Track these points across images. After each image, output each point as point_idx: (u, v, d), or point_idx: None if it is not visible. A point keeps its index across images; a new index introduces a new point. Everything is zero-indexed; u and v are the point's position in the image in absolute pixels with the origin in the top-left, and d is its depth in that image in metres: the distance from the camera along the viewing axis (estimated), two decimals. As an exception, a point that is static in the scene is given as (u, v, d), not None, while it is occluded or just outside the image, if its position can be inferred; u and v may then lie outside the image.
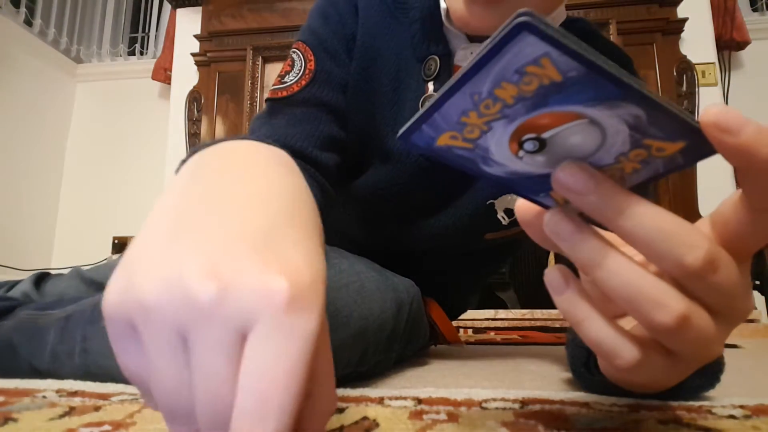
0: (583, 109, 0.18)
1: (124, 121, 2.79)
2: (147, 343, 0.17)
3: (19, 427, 0.30)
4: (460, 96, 0.18)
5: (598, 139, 0.19)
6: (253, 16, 2.27)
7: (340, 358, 0.42)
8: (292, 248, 0.19)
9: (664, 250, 0.20)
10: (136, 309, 0.17)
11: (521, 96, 0.18)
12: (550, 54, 0.16)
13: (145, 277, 0.18)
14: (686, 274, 0.20)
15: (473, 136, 0.20)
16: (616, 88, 0.17)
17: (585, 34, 0.59)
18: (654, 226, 0.20)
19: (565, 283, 0.23)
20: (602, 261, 0.21)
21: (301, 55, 0.57)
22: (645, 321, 0.21)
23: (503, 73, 0.17)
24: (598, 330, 0.22)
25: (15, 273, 2.21)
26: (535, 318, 1.62)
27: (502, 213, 0.58)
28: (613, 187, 0.21)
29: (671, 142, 0.19)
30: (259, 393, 0.16)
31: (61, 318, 0.49)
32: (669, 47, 2.03)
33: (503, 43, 0.16)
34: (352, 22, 0.59)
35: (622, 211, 0.20)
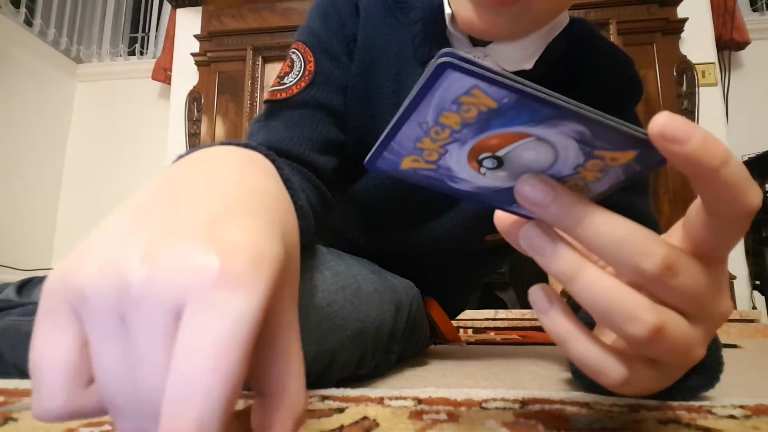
0: (527, 129, 0.19)
1: (124, 121, 2.79)
2: (88, 332, 0.17)
3: (19, 427, 0.30)
4: (409, 126, 0.19)
5: (551, 153, 0.20)
6: (253, 16, 2.27)
7: (338, 360, 0.42)
8: (238, 232, 0.18)
9: (622, 258, 0.20)
10: (74, 293, 0.17)
11: (465, 122, 0.19)
12: (478, 85, 0.17)
13: (86, 263, 0.17)
14: (646, 280, 0.21)
15: (432, 158, 0.21)
16: (549, 109, 0.18)
17: (584, 34, 0.59)
18: (611, 234, 0.20)
19: (548, 302, 0.23)
20: (575, 275, 0.21)
21: (300, 56, 0.56)
22: (620, 333, 0.21)
23: (441, 104, 0.18)
24: (584, 350, 0.22)
25: (15, 273, 2.21)
26: (535, 318, 1.62)
27: None
28: (571, 197, 0.21)
29: (622, 152, 0.20)
30: (184, 375, 0.15)
31: None
32: (669, 47, 2.03)
33: (432, 81, 0.17)
34: (352, 22, 0.58)
35: (580, 221, 0.21)
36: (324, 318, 0.40)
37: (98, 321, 0.17)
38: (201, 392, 0.15)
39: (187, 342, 0.15)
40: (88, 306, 0.17)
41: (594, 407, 0.34)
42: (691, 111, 1.97)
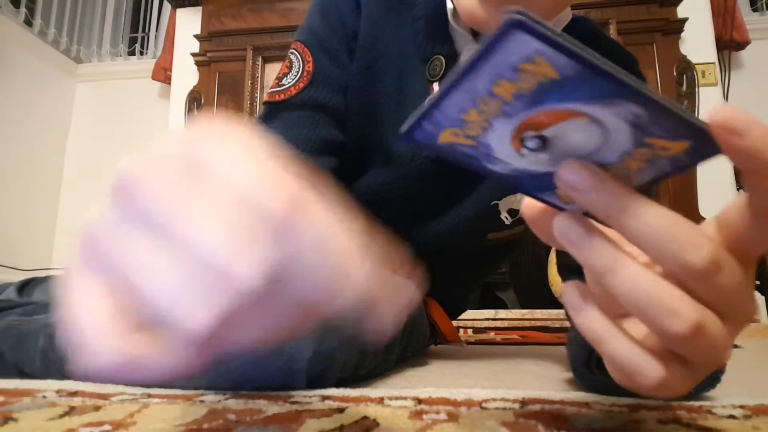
0: (582, 107, 0.18)
1: (124, 121, 2.79)
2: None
3: (19, 427, 0.30)
4: (458, 93, 0.18)
5: (600, 137, 0.19)
6: (253, 16, 2.27)
7: (338, 360, 0.42)
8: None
9: (668, 251, 0.20)
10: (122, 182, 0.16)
11: (519, 93, 0.18)
12: (543, 52, 0.16)
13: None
14: (691, 275, 0.20)
15: (474, 133, 0.20)
16: (612, 86, 0.17)
17: (587, 33, 0.59)
18: (658, 225, 0.20)
19: (583, 301, 0.23)
20: (614, 267, 0.20)
21: (299, 56, 0.56)
22: (658, 329, 0.20)
23: (499, 70, 0.17)
24: (621, 349, 0.22)
25: (15, 273, 2.21)
26: (535, 318, 1.62)
27: (506, 213, 0.58)
28: (617, 185, 0.20)
29: (675, 141, 0.19)
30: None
31: (49, 324, 0.48)
32: (669, 47, 2.03)
33: (496, 41, 0.16)
34: (352, 20, 0.57)
35: (626, 210, 0.20)
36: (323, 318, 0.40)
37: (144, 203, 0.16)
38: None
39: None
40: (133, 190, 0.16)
41: (594, 407, 0.34)
42: (692, 111, 1.97)
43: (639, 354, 0.22)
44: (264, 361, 0.39)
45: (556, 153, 0.20)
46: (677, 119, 0.18)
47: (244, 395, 0.39)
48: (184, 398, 0.37)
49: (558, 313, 1.70)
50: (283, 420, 0.31)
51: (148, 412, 0.33)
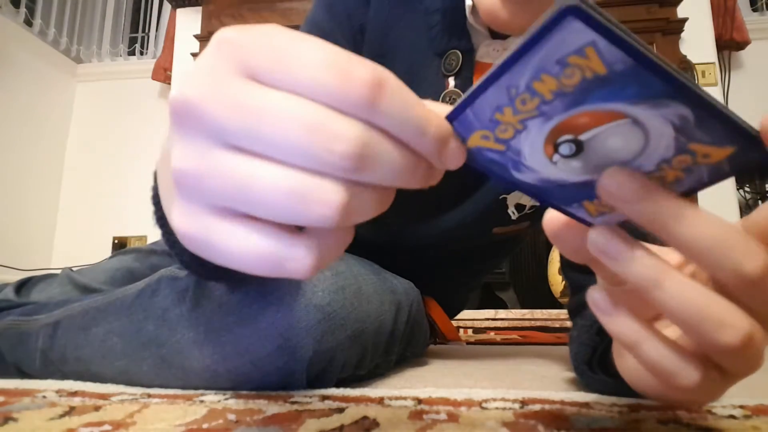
0: (626, 108, 0.17)
1: (124, 121, 2.79)
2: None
3: (19, 427, 0.30)
4: (495, 89, 0.17)
5: (641, 142, 0.18)
6: (253, 16, 2.27)
7: (338, 360, 0.42)
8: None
9: (723, 259, 0.19)
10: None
11: (561, 90, 0.17)
12: (597, 43, 0.15)
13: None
14: (744, 283, 0.19)
15: (506, 135, 0.19)
16: (664, 84, 0.16)
17: None
18: (711, 233, 0.19)
19: (613, 304, 0.22)
20: (661, 281, 0.20)
21: None
22: (707, 341, 0.20)
23: (544, 63, 0.16)
24: (658, 352, 0.21)
25: (15, 273, 2.21)
26: (535, 318, 1.62)
27: (513, 208, 0.58)
28: (664, 192, 0.19)
29: (718, 147, 0.18)
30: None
31: (48, 324, 0.48)
32: (669, 47, 2.03)
33: (547, 29, 0.15)
34: (359, 13, 0.56)
35: (676, 219, 0.19)
36: (324, 318, 0.40)
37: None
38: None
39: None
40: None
41: (594, 407, 0.34)
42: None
43: (676, 357, 0.21)
44: (264, 361, 0.39)
45: (589, 160, 0.19)
46: (727, 122, 0.17)
47: (244, 395, 0.39)
48: (184, 398, 0.37)
49: (558, 313, 1.70)
50: (283, 420, 0.31)
51: (148, 412, 0.33)
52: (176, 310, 0.42)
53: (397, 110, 0.17)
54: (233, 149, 0.17)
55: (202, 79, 0.17)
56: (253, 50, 0.17)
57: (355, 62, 0.17)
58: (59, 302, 0.51)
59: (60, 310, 0.49)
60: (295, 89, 0.17)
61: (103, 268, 0.66)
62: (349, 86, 0.16)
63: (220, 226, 0.18)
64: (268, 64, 0.17)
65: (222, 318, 0.40)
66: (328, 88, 0.16)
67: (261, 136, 0.16)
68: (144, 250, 0.69)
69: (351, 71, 0.16)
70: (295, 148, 0.16)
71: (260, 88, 0.17)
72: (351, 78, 0.16)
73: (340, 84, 0.16)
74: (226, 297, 0.41)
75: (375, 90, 0.16)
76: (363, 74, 0.16)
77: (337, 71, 0.16)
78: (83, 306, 0.48)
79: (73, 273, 0.65)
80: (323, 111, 0.16)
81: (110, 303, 0.46)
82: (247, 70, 0.17)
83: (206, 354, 0.40)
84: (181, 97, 0.17)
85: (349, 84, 0.16)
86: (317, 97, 0.16)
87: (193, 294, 0.42)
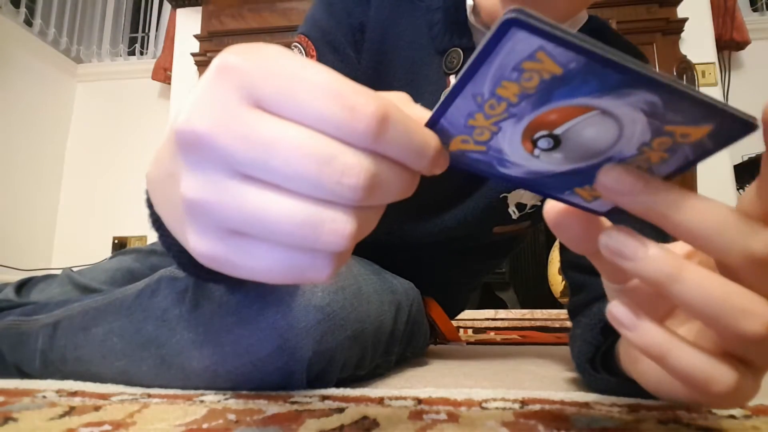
0: (592, 101, 0.17)
1: (124, 121, 2.79)
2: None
3: (19, 427, 0.30)
4: (462, 99, 0.18)
5: (615, 130, 0.18)
6: (253, 16, 2.27)
7: (337, 360, 0.42)
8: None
9: (728, 241, 0.19)
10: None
11: (524, 93, 0.17)
12: (545, 47, 0.16)
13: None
14: (753, 264, 0.19)
15: (484, 138, 0.20)
16: (621, 75, 0.16)
17: (602, 31, 0.59)
18: (713, 217, 0.19)
19: (636, 317, 0.21)
20: (679, 275, 0.19)
21: (302, 50, 0.55)
22: (731, 331, 0.19)
23: (501, 72, 0.17)
24: (690, 359, 0.21)
25: (15, 273, 2.21)
26: (535, 318, 1.62)
27: (513, 207, 0.58)
28: (661, 182, 0.19)
29: (696, 126, 0.18)
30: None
31: (48, 324, 0.48)
32: (669, 47, 2.03)
33: (495, 41, 0.16)
34: (359, 12, 0.56)
35: (676, 207, 0.19)
36: (324, 318, 0.40)
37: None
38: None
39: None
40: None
41: (594, 407, 0.34)
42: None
43: (709, 362, 0.21)
44: (264, 362, 0.39)
45: (570, 151, 0.20)
46: (694, 102, 0.17)
47: (244, 395, 0.39)
48: (184, 398, 0.37)
49: (558, 313, 1.70)
50: (283, 420, 0.31)
51: (148, 412, 0.33)
52: (176, 311, 0.42)
53: (401, 139, 0.18)
54: (244, 178, 0.18)
55: (209, 109, 0.17)
56: (258, 79, 0.17)
57: (361, 95, 0.17)
58: (59, 302, 0.51)
59: (60, 310, 0.49)
60: (302, 121, 0.17)
61: (104, 268, 0.66)
62: (356, 120, 0.17)
63: (238, 246, 0.18)
64: (274, 95, 0.17)
65: (222, 318, 0.40)
66: (336, 121, 0.17)
67: (272, 168, 0.17)
68: (144, 250, 0.69)
69: (357, 105, 0.17)
70: (306, 181, 0.17)
71: (270, 119, 0.17)
72: (358, 112, 0.17)
73: (347, 118, 0.17)
74: (225, 297, 0.41)
75: (381, 124, 0.17)
76: (369, 108, 0.17)
77: (343, 105, 0.17)
78: (83, 306, 0.48)
79: (74, 273, 0.65)
80: (332, 144, 0.17)
81: (110, 303, 0.46)
82: (253, 98, 0.17)
83: (206, 354, 0.40)
84: (190, 128, 0.17)
85: (356, 118, 0.17)
86: (325, 130, 0.17)
87: (193, 294, 0.42)
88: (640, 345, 0.22)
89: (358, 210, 0.18)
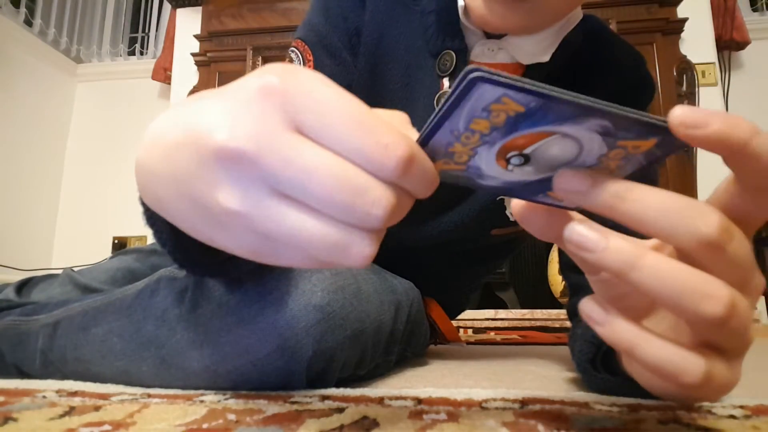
0: (553, 128, 0.20)
1: (124, 121, 2.79)
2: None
3: (19, 427, 0.30)
4: (441, 133, 0.21)
5: (575, 147, 0.21)
6: (253, 16, 2.27)
7: (337, 360, 0.42)
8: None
9: (677, 225, 0.20)
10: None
11: (494, 126, 0.20)
12: (507, 93, 0.18)
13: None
14: (704, 246, 0.20)
15: (463, 160, 0.22)
16: (574, 108, 0.19)
17: (598, 30, 0.59)
18: (662, 203, 0.20)
19: (605, 312, 0.22)
20: (637, 262, 0.20)
21: (299, 55, 0.55)
22: (693, 315, 0.20)
23: (472, 113, 0.19)
24: (658, 351, 0.21)
25: (15, 273, 2.21)
26: (535, 318, 1.62)
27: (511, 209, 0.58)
28: (609, 178, 0.21)
29: (644, 140, 0.21)
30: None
31: (48, 324, 0.48)
32: (669, 47, 2.03)
33: (463, 94, 0.19)
34: (355, 16, 0.56)
35: (626, 197, 0.21)
36: (323, 318, 0.40)
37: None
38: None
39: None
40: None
41: (594, 407, 0.34)
42: (691, 111, 1.97)
43: (676, 352, 0.21)
44: (264, 362, 0.39)
45: (539, 164, 0.22)
46: (639, 122, 0.20)
47: (244, 395, 0.39)
48: (184, 398, 0.37)
49: (558, 313, 1.70)
50: (283, 420, 0.31)
51: (148, 412, 0.33)
52: (175, 311, 0.42)
53: (419, 176, 0.20)
54: (282, 197, 0.20)
55: (253, 129, 0.19)
56: (300, 105, 0.19)
57: (393, 133, 0.19)
58: (59, 302, 0.51)
59: (60, 310, 0.49)
60: (338, 151, 0.19)
61: (104, 268, 0.66)
62: (388, 158, 0.19)
63: (273, 248, 0.21)
64: (315, 123, 0.19)
65: (221, 318, 0.40)
66: (370, 156, 0.19)
67: (310, 192, 0.19)
68: (145, 250, 0.69)
69: (390, 144, 0.19)
70: (340, 208, 0.19)
71: (310, 145, 0.19)
72: (390, 150, 0.19)
73: (380, 155, 0.19)
74: (225, 297, 0.41)
75: (408, 163, 0.19)
76: (400, 149, 0.19)
77: (377, 142, 0.19)
78: (83, 306, 0.48)
79: (74, 273, 0.65)
80: (365, 177, 0.19)
81: (110, 303, 0.46)
82: (294, 123, 0.19)
83: (206, 354, 0.40)
84: (234, 146, 0.19)
85: (388, 156, 0.19)
86: (357, 161, 0.19)
87: (193, 294, 0.42)
88: (609, 339, 0.23)
89: (379, 233, 0.21)
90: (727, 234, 0.20)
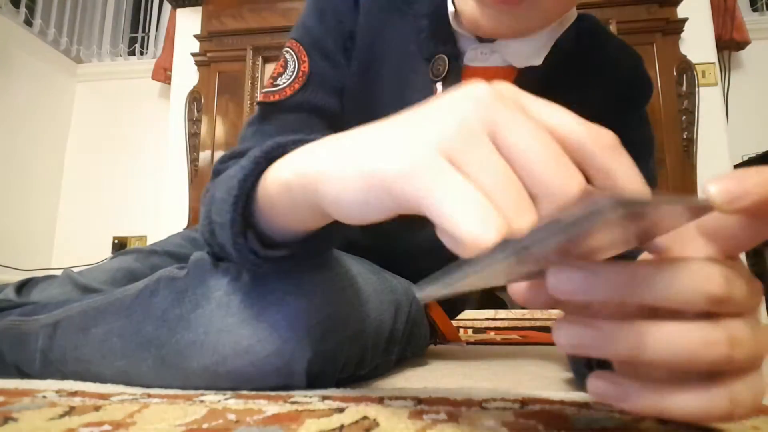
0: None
1: (124, 121, 2.79)
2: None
3: (19, 427, 0.30)
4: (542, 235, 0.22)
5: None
6: (253, 16, 2.27)
7: (338, 360, 0.42)
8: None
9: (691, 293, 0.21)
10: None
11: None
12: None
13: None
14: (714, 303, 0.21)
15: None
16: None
17: (593, 30, 0.59)
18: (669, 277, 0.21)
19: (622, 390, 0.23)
20: (643, 343, 0.21)
21: (294, 56, 0.55)
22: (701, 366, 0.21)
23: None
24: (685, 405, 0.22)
25: (15, 273, 2.21)
26: (535, 318, 1.62)
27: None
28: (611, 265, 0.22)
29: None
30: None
31: (48, 324, 0.48)
32: (669, 47, 2.03)
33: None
34: (350, 18, 0.56)
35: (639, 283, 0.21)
36: (323, 318, 0.40)
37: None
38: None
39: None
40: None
41: (594, 407, 0.34)
42: (691, 111, 1.97)
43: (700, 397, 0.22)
44: (264, 362, 0.39)
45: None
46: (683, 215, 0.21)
47: (244, 395, 0.39)
48: (184, 398, 0.37)
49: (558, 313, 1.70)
50: (283, 420, 0.31)
51: (148, 412, 0.33)
52: (175, 311, 0.42)
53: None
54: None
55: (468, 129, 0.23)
56: (504, 125, 0.22)
57: (572, 168, 0.21)
58: (59, 302, 0.51)
59: (60, 310, 0.49)
60: (521, 169, 0.22)
61: (104, 268, 0.66)
62: (563, 192, 0.21)
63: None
64: (514, 143, 0.22)
65: (221, 319, 0.40)
66: (550, 183, 0.21)
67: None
68: (145, 250, 0.69)
69: (567, 177, 0.21)
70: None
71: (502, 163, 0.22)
72: (568, 184, 0.21)
73: (561, 185, 0.21)
74: (225, 298, 0.41)
75: (579, 197, 0.21)
76: (575, 185, 0.21)
77: (559, 173, 0.21)
78: (83, 306, 0.48)
79: (74, 273, 0.65)
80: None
81: (110, 303, 0.46)
82: (492, 135, 0.22)
83: (206, 355, 0.40)
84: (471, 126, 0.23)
85: (564, 190, 0.21)
86: (535, 180, 0.22)
87: (192, 295, 0.42)
88: (634, 411, 0.23)
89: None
90: (731, 284, 0.21)
